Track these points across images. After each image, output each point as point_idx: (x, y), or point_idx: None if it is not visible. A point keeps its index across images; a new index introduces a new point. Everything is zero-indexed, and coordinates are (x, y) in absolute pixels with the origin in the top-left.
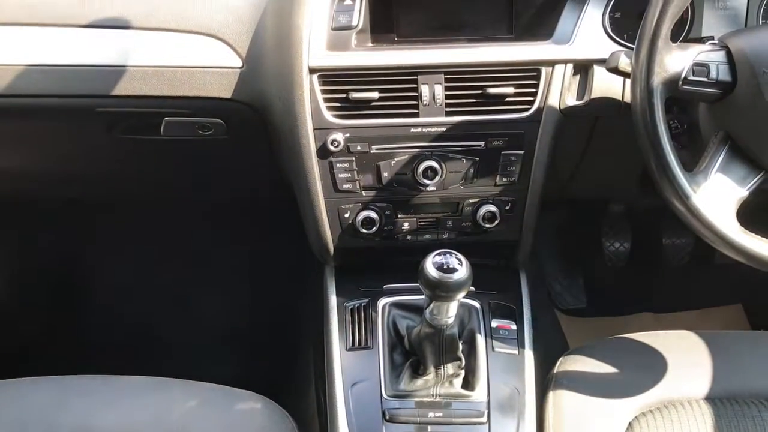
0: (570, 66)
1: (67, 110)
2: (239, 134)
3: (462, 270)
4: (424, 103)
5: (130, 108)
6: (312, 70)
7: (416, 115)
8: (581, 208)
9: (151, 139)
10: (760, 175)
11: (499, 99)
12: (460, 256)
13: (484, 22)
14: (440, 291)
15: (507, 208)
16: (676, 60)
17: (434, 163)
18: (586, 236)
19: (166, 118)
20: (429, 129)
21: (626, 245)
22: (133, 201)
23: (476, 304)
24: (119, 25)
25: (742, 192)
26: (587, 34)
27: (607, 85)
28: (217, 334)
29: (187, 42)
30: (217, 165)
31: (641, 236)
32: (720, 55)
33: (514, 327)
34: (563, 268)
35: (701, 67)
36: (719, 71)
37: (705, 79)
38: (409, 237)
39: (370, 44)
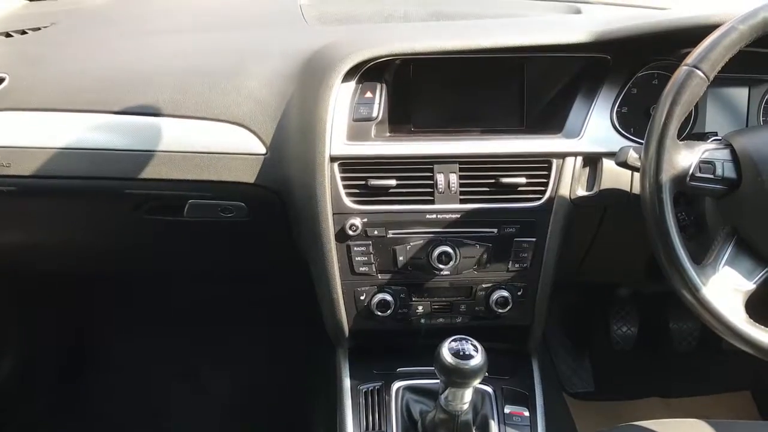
0: (580, 158)
1: (96, 191)
2: (260, 217)
3: (478, 357)
4: (440, 190)
5: (157, 191)
6: (333, 159)
7: (432, 202)
8: (589, 291)
9: (175, 220)
10: (766, 269)
11: (512, 188)
12: (475, 342)
13: (497, 115)
14: (456, 377)
15: (519, 293)
16: (683, 157)
17: (449, 249)
18: (594, 319)
19: (190, 201)
20: (444, 215)
21: (634, 329)
22: (151, 277)
23: (489, 389)
24: (149, 112)
25: (749, 285)
26: (596, 128)
27: (615, 177)
28: (227, 413)
29: (214, 129)
30: (236, 246)
31: (649, 320)
32: (725, 153)
33: (526, 413)
34: (572, 351)
35: (707, 165)
36: (725, 169)
37: (711, 176)
38: (423, 320)
39: (388, 134)
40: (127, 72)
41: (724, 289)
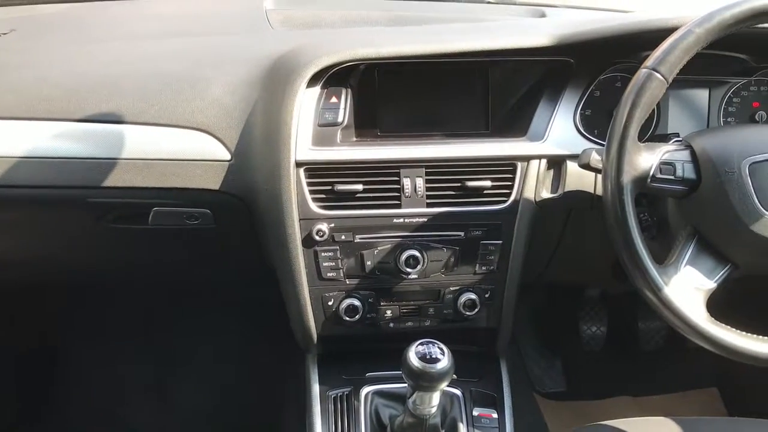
0: (544, 161)
1: (59, 200)
2: (226, 224)
3: (444, 360)
4: (406, 194)
5: (120, 199)
6: (299, 164)
7: (398, 206)
8: (559, 292)
9: (139, 228)
10: (726, 268)
11: (478, 192)
12: (442, 345)
13: (462, 119)
14: (423, 381)
15: (487, 295)
16: (644, 159)
17: (416, 252)
18: (564, 320)
19: (155, 209)
20: (411, 219)
21: (603, 329)
22: (117, 287)
23: (458, 392)
24: (112, 119)
25: (710, 284)
26: (560, 131)
27: (579, 179)
28: (197, 422)
29: (178, 136)
30: (202, 252)
31: (617, 320)
32: (685, 155)
33: (495, 415)
34: (542, 352)
35: (668, 166)
36: (684, 170)
37: (672, 177)
38: (391, 324)
39: (355, 139)
40: (89, 79)
41: (686, 288)
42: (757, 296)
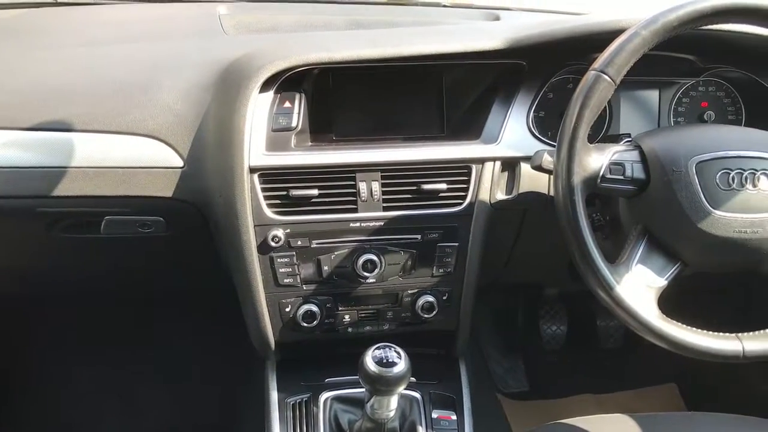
0: (498, 163)
1: (8, 210)
2: (180, 231)
3: (401, 363)
4: (362, 199)
5: (71, 208)
6: (252, 170)
7: (355, 210)
8: (519, 292)
9: (91, 237)
10: (677, 266)
11: (433, 194)
12: (399, 349)
13: (418, 123)
14: (380, 385)
15: (444, 298)
16: (593, 160)
17: (373, 256)
18: (525, 320)
19: (107, 217)
20: (367, 224)
21: (563, 328)
22: (73, 296)
23: (417, 395)
24: (62, 127)
25: (661, 281)
26: (513, 133)
27: (533, 181)
28: (159, 429)
29: (129, 143)
30: (158, 261)
31: (576, 319)
32: (634, 155)
33: (454, 417)
34: (504, 352)
35: (617, 166)
36: (634, 170)
37: (621, 177)
38: (350, 329)
39: (310, 144)
40: (37, 87)
41: (637, 286)
42: (708, 293)
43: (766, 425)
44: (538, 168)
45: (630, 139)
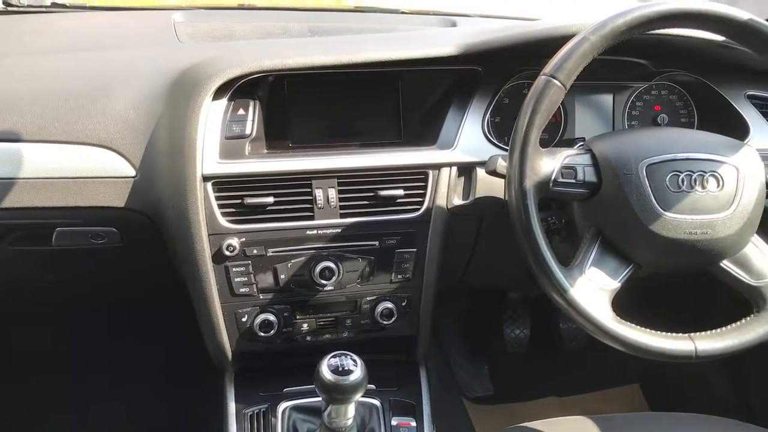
0: (454, 168)
1: None
2: (134, 242)
3: (358, 371)
4: (319, 206)
5: (20, 220)
6: (206, 178)
7: (311, 217)
8: (482, 296)
9: (43, 250)
10: (629, 267)
11: (391, 201)
12: (355, 357)
13: (375, 129)
14: (336, 394)
15: (404, 304)
16: (545, 164)
17: (331, 264)
18: (488, 324)
19: (58, 229)
20: (324, 231)
21: (526, 331)
22: (24, 311)
23: (376, 402)
24: (10, 138)
25: (614, 283)
26: (469, 138)
27: (489, 185)
28: None
29: (79, 153)
30: (112, 272)
31: (539, 322)
32: (586, 158)
33: (413, 424)
34: (469, 357)
35: (569, 170)
36: (585, 173)
37: (573, 181)
38: (308, 338)
39: (266, 151)
40: None
41: (591, 289)
42: (665, 293)
43: (721, 423)
44: (493, 173)
45: (582, 143)
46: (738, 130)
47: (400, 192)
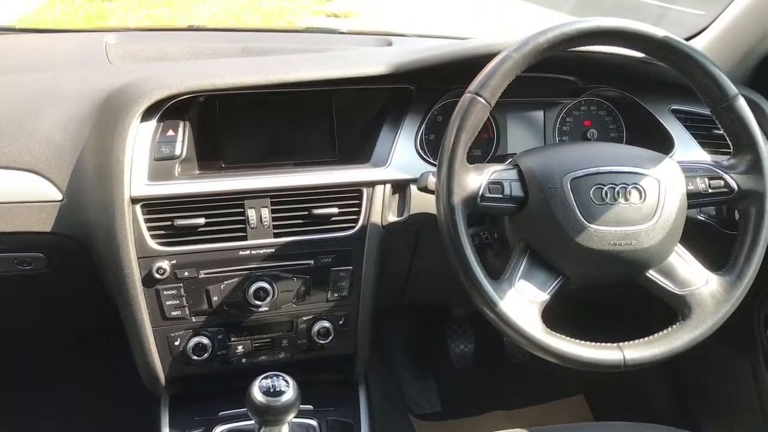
0: (389, 186)
1: None
2: (62, 266)
3: (290, 391)
4: (252, 226)
5: None
6: (134, 200)
7: (244, 238)
8: (427, 312)
9: None
10: (558, 280)
11: (325, 219)
12: (287, 377)
13: (310, 148)
14: (268, 415)
15: (341, 322)
16: (472, 180)
17: (265, 284)
18: (434, 340)
19: None
20: (258, 251)
21: (470, 346)
22: None
23: (313, 422)
24: None
25: (544, 296)
26: (402, 156)
27: (423, 202)
28: None
29: (3, 178)
30: (41, 299)
31: (483, 336)
32: (512, 174)
33: None
34: (416, 373)
35: (496, 185)
36: (512, 188)
37: (500, 196)
38: (244, 360)
39: (197, 172)
40: None
41: (521, 302)
42: (597, 305)
43: (656, 430)
44: (424, 189)
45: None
46: (664, 143)
47: (335, 210)
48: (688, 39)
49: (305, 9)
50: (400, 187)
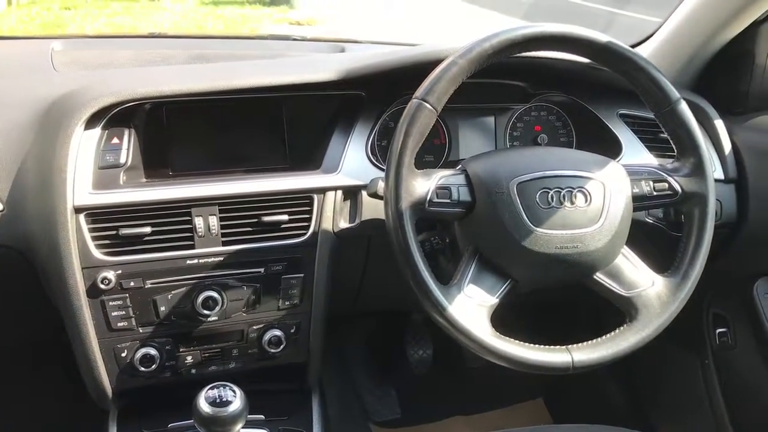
0: (340, 192)
1: None
2: (4, 278)
3: (237, 401)
4: (200, 234)
5: None
6: (77, 210)
7: (192, 246)
8: (385, 319)
9: None
10: (507, 283)
11: (275, 226)
12: (234, 387)
13: (260, 154)
14: (215, 426)
15: (293, 330)
16: (420, 185)
17: (214, 293)
18: (393, 346)
19: None
20: (206, 260)
21: (429, 352)
22: None
23: None
24: None
25: (492, 300)
26: (353, 162)
27: (375, 208)
28: None
29: None
30: None
31: (441, 342)
32: (460, 179)
33: None
34: (375, 380)
35: (444, 190)
36: (460, 193)
37: (448, 201)
38: (193, 370)
39: (144, 180)
40: None
41: (469, 306)
42: (547, 307)
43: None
44: (374, 195)
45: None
46: (613, 147)
47: (285, 217)
48: (635, 45)
49: (268, 17)
50: (352, 193)
